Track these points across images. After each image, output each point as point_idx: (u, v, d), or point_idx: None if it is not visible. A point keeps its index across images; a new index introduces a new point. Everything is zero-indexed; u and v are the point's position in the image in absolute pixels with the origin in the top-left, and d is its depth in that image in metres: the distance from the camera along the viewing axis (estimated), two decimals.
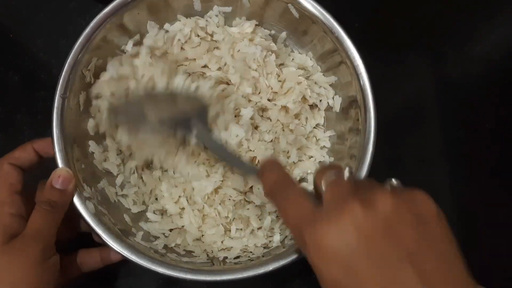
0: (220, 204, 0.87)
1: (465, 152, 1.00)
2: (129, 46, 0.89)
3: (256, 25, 0.92)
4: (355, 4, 1.10)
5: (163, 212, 0.88)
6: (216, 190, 0.87)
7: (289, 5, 0.86)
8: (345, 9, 1.07)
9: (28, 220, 0.71)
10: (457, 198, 0.98)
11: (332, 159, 0.91)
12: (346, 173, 0.59)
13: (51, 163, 0.76)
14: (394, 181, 0.59)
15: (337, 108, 0.91)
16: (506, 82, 1.07)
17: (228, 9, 0.92)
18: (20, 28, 1.06)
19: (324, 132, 0.94)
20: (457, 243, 0.53)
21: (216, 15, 0.92)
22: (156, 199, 0.89)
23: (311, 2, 0.83)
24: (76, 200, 0.75)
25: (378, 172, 0.97)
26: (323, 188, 0.58)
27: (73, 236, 0.82)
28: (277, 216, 0.88)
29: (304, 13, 0.85)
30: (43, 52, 1.04)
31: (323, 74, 0.93)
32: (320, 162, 0.91)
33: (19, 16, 1.07)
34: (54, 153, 0.76)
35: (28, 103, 1.01)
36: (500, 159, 1.02)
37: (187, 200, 0.87)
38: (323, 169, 0.61)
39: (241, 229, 0.86)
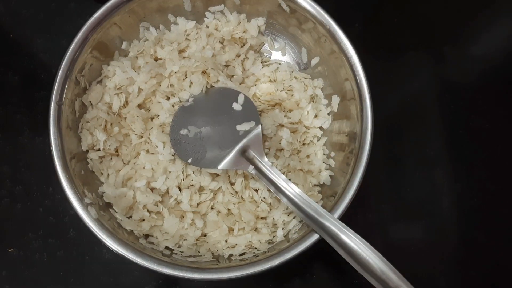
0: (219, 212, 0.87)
1: (465, 152, 1.00)
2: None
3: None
4: (356, 4, 1.09)
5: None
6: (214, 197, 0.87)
7: (280, 0, 0.87)
8: (346, 9, 1.07)
9: None
10: (457, 198, 0.98)
11: (333, 153, 0.90)
12: None
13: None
14: None
15: (335, 108, 0.90)
16: (505, 82, 1.06)
17: (220, 7, 0.94)
18: (20, 28, 1.05)
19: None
20: None
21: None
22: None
23: None
24: (78, 207, 0.74)
25: (378, 172, 0.97)
26: None
27: None
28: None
29: (296, 7, 0.86)
30: (43, 52, 1.03)
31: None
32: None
33: (19, 16, 1.05)
34: (53, 161, 0.76)
35: (28, 103, 1.00)
36: (500, 159, 1.01)
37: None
38: None
39: (243, 228, 0.85)
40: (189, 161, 0.84)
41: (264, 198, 0.86)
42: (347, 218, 0.75)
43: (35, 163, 0.96)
